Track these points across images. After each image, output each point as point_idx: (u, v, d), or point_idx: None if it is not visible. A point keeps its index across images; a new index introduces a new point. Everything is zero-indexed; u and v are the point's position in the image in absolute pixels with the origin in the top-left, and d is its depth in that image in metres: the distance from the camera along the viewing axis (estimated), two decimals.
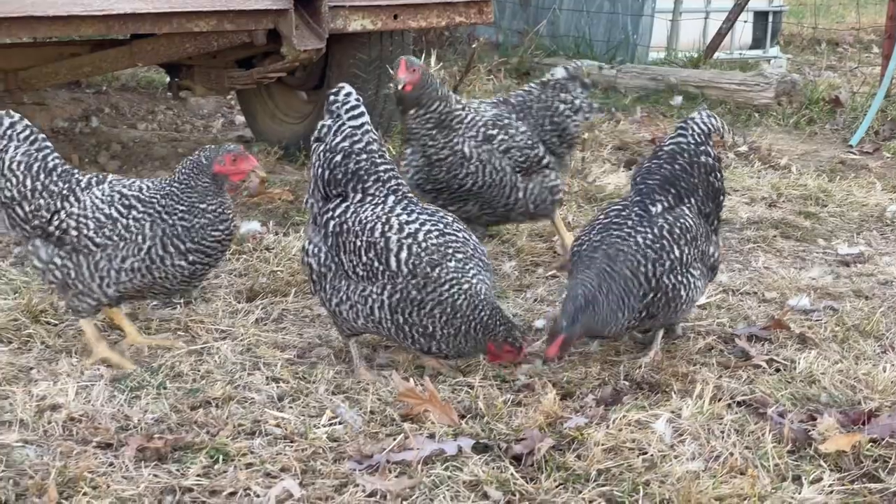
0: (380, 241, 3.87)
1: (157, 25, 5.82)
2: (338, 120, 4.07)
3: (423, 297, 3.84)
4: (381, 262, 3.86)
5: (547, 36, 11.33)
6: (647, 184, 4.25)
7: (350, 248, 3.93)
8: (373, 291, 3.88)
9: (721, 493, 3.22)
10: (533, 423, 3.63)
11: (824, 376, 4.07)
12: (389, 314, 3.88)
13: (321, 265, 4.01)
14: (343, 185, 4.04)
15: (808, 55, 13.04)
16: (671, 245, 4.07)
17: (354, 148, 4.03)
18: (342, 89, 4.12)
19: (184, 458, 3.41)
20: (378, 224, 3.91)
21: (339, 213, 4.00)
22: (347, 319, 3.98)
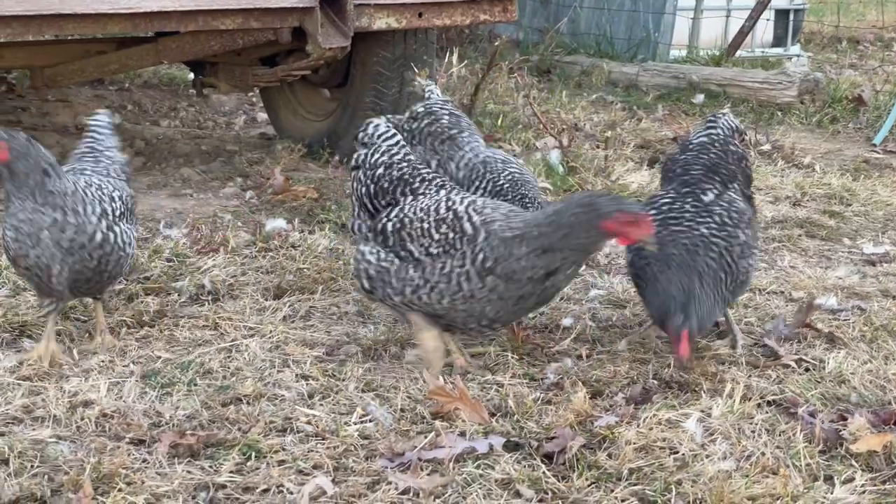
0: (448, 214, 3.93)
1: (182, 23, 5.84)
2: (372, 145, 4.19)
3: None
4: (457, 231, 3.89)
5: (568, 34, 11.33)
6: (692, 174, 4.31)
7: (418, 234, 3.96)
8: (454, 265, 3.88)
9: (753, 493, 3.22)
10: (563, 422, 3.63)
11: (854, 376, 4.06)
12: (479, 280, 3.84)
13: (380, 261, 4.04)
14: (391, 193, 4.11)
15: (828, 53, 13.00)
16: (734, 230, 4.14)
17: (394, 159, 4.15)
18: (368, 125, 4.23)
19: (216, 455, 3.42)
20: (441, 204, 3.98)
21: (395, 213, 4.06)
22: (429, 303, 3.94)
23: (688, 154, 4.42)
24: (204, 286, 4.85)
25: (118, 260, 4.13)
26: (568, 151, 7.08)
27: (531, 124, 7.91)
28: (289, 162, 6.99)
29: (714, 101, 9.35)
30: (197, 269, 5.04)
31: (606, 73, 10.28)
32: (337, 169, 6.81)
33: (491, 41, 10.72)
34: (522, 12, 11.63)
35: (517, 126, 8.02)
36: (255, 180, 6.64)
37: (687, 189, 4.27)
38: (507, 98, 8.73)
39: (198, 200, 6.29)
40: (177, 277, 4.94)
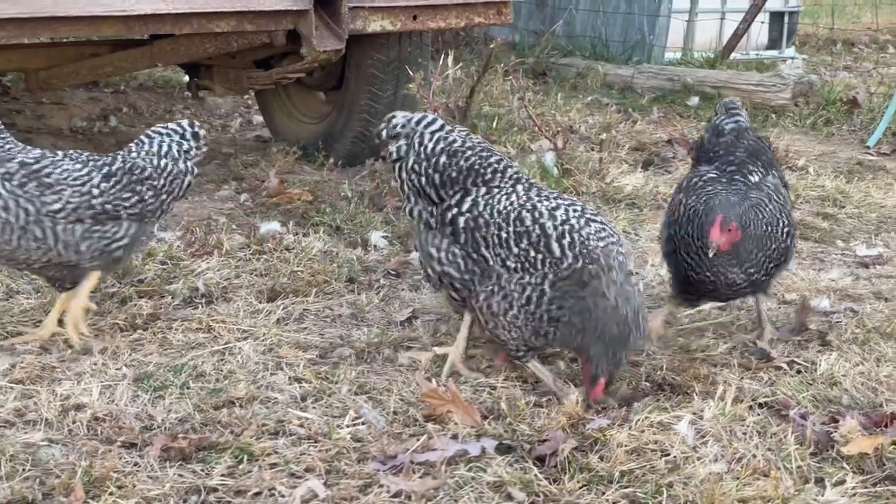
0: (534, 229, 3.79)
1: (177, 26, 5.84)
2: (413, 134, 4.03)
3: (585, 298, 3.74)
4: (540, 250, 3.76)
5: (563, 36, 11.34)
6: (736, 155, 4.45)
7: (495, 242, 3.83)
8: (531, 282, 3.77)
9: (744, 495, 3.23)
10: (555, 425, 3.64)
11: (846, 378, 4.07)
12: (547, 304, 3.77)
13: (463, 272, 3.90)
14: (462, 183, 3.96)
15: (823, 55, 13.01)
16: (783, 205, 4.27)
17: (454, 146, 4.00)
18: (395, 117, 4.08)
19: (208, 458, 3.43)
20: (525, 213, 3.82)
21: (468, 208, 3.91)
22: (496, 314, 3.85)
23: (727, 137, 4.56)
24: (197, 289, 4.85)
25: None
26: (563, 154, 7.07)
27: (526, 127, 7.91)
28: (284, 164, 6.99)
29: (709, 103, 9.35)
30: (191, 272, 5.04)
31: (602, 75, 10.29)
32: (332, 172, 6.81)
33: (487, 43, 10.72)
34: (518, 15, 11.64)
35: (512, 128, 8.02)
36: (250, 183, 6.64)
37: (734, 168, 4.41)
38: (502, 100, 8.71)
39: (192, 203, 6.29)
40: (170, 280, 4.94)
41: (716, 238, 4.02)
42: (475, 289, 3.88)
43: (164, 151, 4.46)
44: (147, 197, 4.34)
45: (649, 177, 7.17)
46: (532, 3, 11.79)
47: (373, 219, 5.92)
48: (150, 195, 4.35)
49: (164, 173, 4.41)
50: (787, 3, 11.90)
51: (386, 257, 5.42)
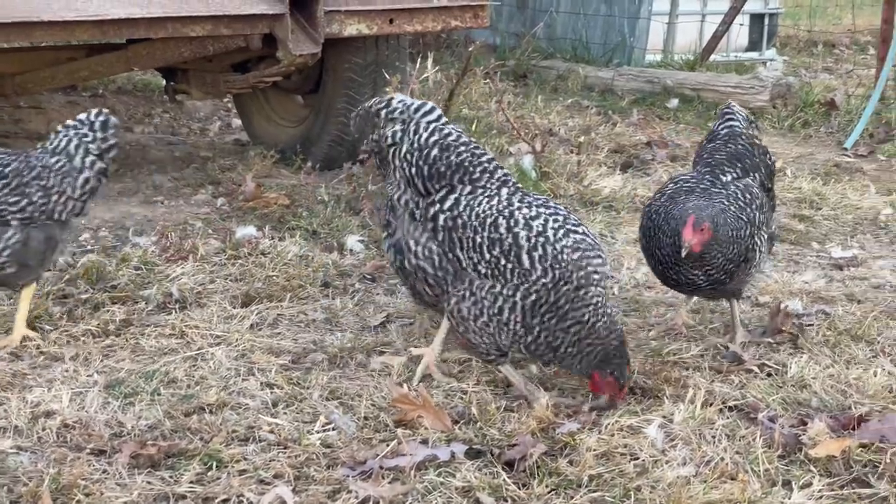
0: (507, 237, 3.77)
1: (152, 30, 5.83)
2: (409, 121, 3.96)
3: (565, 309, 3.74)
4: (511, 260, 3.75)
5: (544, 39, 11.36)
6: (715, 157, 4.54)
7: (469, 245, 3.80)
8: (502, 292, 3.76)
9: (711, 499, 3.24)
10: (525, 429, 3.64)
11: (815, 381, 4.09)
12: (521, 316, 3.76)
13: (437, 269, 3.87)
14: (449, 178, 3.91)
15: (804, 57, 13.06)
16: (747, 207, 4.30)
17: (448, 141, 3.94)
18: (393, 99, 4.01)
19: (177, 465, 3.42)
20: (501, 219, 3.79)
21: (450, 206, 3.87)
22: (466, 318, 3.83)
23: (715, 143, 4.66)
24: (171, 294, 4.85)
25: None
26: (541, 157, 7.08)
27: (505, 130, 7.93)
28: (261, 168, 6.99)
29: (688, 105, 9.39)
30: (165, 277, 5.04)
31: (582, 77, 10.31)
32: (309, 175, 6.81)
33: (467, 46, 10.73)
34: (499, 17, 11.66)
35: (491, 131, 8.02)
36: (226, 187, 6.63)
37: (708, 169, 4.50)
38: (481, 103, 8.73)
39: (168, 208, 6.29)
40: (144, 286, 4.94)
41: (688, 238, 4.05)
42: (447, 289, 3.88)
43: (59, 147, 4.38)
44: (36, 199, 4.24)
45: (628, 179, 7.18)
46: (513, 6, 11.80)
47: (349, 223, 5.92)
48: (40, 195, 4.25)
49: (53, 172, 4.31)
50: (768, 4, 11.94)
51: (362, 261, 5.42)
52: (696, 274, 4.24)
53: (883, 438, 3.58)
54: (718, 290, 4.41)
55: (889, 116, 8.63)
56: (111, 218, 6.03)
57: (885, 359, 4.33)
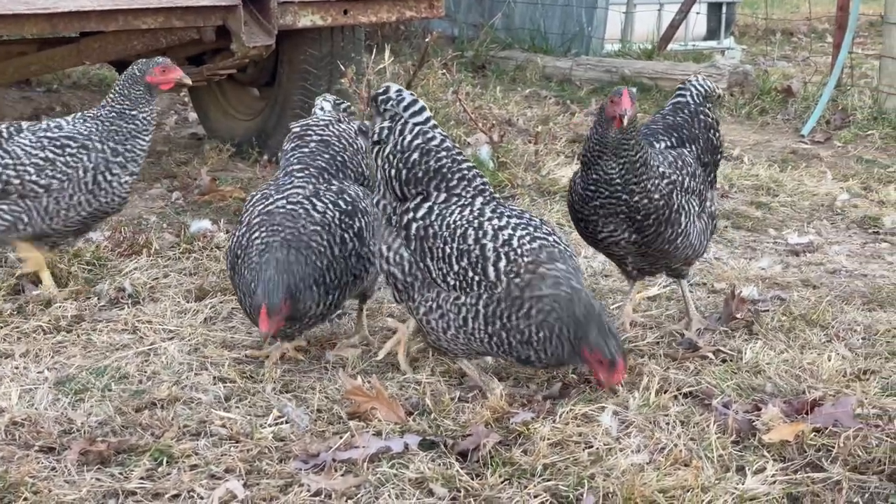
0: (474, 249, 3.70)
1: (103, 23, 5.77)
2: (398, 118, 3.86)
3: (521, 298, 3.66)
4: (477, 273, 3.68)
5: (502, 29, 11.35)
6: (650, 128, 4.55)
7: (438, 256, 3.73)
8: (466, 302, 3.70)
9: (665, 486, 3.23)
10: (479, 419, 3.63)
11: (770, 366, 4.10)
12: (484, 324, 3.70)
13: (406, 274, 3.80)
14: (425, 184, 3.83)
15: (762, 45, 13.11)
16: (674, 169, 4.29)
17: (431, 145, 3.84)
18: (389, 87, 3.91)
19: (127, 461, 3.38)
20: (470, 230, 3.72)
21: (422, 215, 3.79)
22: (434, 328, 3.80)
23: (656, 115, 4.68)
24: (124, 289, 4.79)
25: None
26: (498, 147, 7.08)
27: (463, 120, 7.91)
28: (217, 162, 6.94)
29: (646, 94, 9.39)
30: (118, 272, 4.98)
31: (541, 67, 10.31)
32: (265, 168, 6.77)
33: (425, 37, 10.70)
34: (457, 8, 11.64)
35: (449, 122, 8.00)
36: (182, 181, 6.58)
37: (643, 139, 4.40)
38: (439, 94, 8.70)
39: None
40: (97, 281, 4.88)
41: (626, 106, 4.01)
42: (414, 295, 3.83)
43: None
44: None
45: None
46: None
47: None
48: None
49: None
50: None
51: None
52: (613, 230, 4.23)
53: (836, 422, 3.59)
54: (651, 257, 4.36)
55: (845, 103, 8.68)
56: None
57: (838, 343, 4.35)
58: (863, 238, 6.05)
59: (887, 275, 5.34)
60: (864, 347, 4.35)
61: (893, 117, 8.23)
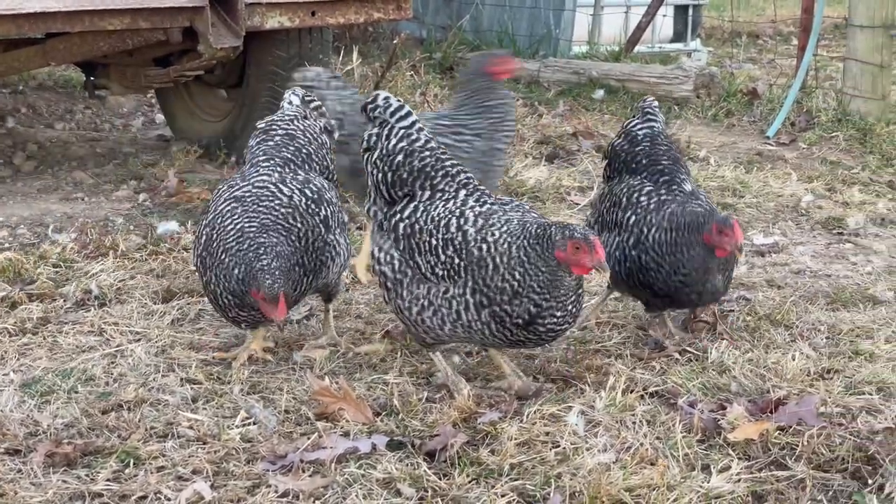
0: (457, 235, 3.74)
1: (68, 24, 5.74)
2: (385, 125, 3.95)
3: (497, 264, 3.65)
4: (462, 258, 3.70)
5: (470, 31, 11.35)
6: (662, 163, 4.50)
7: (426, 249, 3.77)
8: (455, 293, 3.72)
9: (631, 484, 3.25)
10: (447, 419, 3.64)
11: (735, 366, 4.14)
12: (476, 312, 3.70)
13: (396, 272, 3.84)
14: (410, 185, 3.90)
15: (729, 48, 13.19)
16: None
17: (415, 146, 3.92)
18: (378, 96, 3.98)
19: (93, 463, 3.37)
20: (453, 219, 3.77)
21: (409, 214, 3.86)
22: (431, 327, 3.79)
23: (644, 145, 4.58)
24: (91, 291, 4.78)
25: None
26: None
27: None
28: (184, 163, 6.91)
29: (614, 96, 9.43)
30: (84, 274, 4.96)
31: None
32: (233, 170, 6.74)
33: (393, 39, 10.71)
34: (426, 10, 11.64)
35: None
36: (149, 183, 6.55)
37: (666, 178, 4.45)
38: (407, 96, 8.71)
39: (89, 204, 6.19)
40: (63, 283, 4.86)
41: (741, 238, 4.09)
42: (403, 293, 3.83)
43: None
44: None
45: (553, 170, 7.21)
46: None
47: None
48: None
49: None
50: None
51: None
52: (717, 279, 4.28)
53: (800, 421, 3.63)
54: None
55: (810, 105, 8.74)
56: (30, 215, 5.93)
57: (802, 343, 4.39)
58: (827, 239, 6.11)
59: (850, 275, 5.39)
60: (828, 347, 4.39)
61: (857, 119, 8.30)
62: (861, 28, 8.27)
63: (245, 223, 3.99)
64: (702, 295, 4.24)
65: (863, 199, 6.83)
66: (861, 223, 6.31)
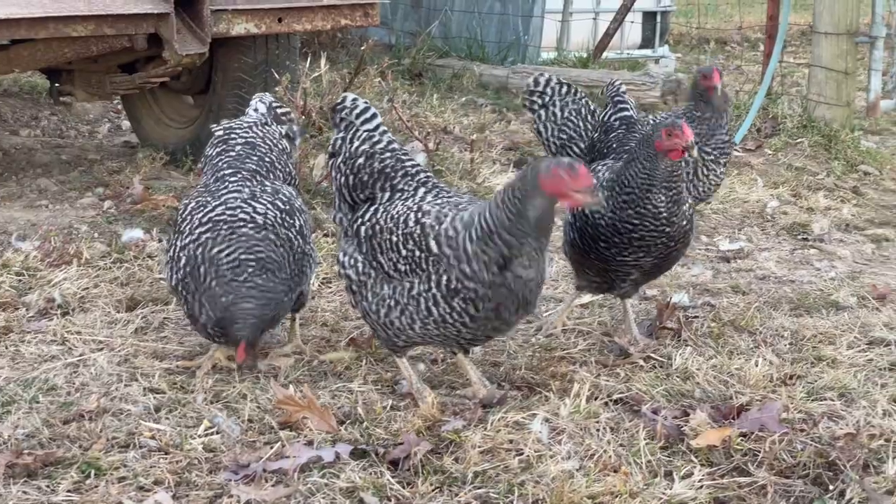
0: (415, 229, 3.73)
1: (33, 30, 5.69)
2: (351, 127, 3.95)
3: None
4: (423, 249, 3.67)
5: (439, 37, 11.36)
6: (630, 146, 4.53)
7: (387, 247, 3.76)
8: (422, 290, 3.68)
9: (593, 492, 3.26)
10: (411, 428, 3.63)
11: (699, 372, 4.15)
12: (447, 303, 3.62)
13: (360, 273, 3.83)
14: (371, 187, 3.90)
15: (697, 54, 13.27)
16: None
17: (376, 148, 3.92)
18: (346, 98, 3.98)
19: (54, 474, 3.34)
20: (411, 214, 3.76)
21: (369, 217, 3.87)
22: (401, 328, 3.76)
23: (618, 132, 4.69)
24: (54, 300, 4.74)
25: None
26: (434, 155, 7.09)
27: (399, 128, 7.91)
28: (150, 170, 6.88)
29: None
30: (47, 283, 4.92)
31: (477, 75, 10.33)
32: (199, 176, 6.71)
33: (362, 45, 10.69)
34: (394, 16, 11.65)
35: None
36: (114, 190, 6.51)
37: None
38: (375, 102, 8.69)
39: (53, 212, 6.15)
40: (26, 291, 4.82)
41: (690, 136, 4.06)
42: (367, 295, 3.82)
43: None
44: None
45: None
46: (408, 5, 11.79)
47: None
48: None
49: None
50: (660, 2, 12.11)
51: None
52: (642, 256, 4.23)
53: (762, 427, 3.65)
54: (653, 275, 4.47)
55: (776, 111, 8.78)
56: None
57: (766, 349, 4.42)
58: (792, 244, 6.15)
59: (814, 281, 5.43)
60: (791, 353, 4.42)
61: (822, 125, 8.35)
62: (826, 35, 8.33)
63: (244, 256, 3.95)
64: (643, 218, 4.12)
65: (828, 204, 6.89)
66: (826, 229, 6.36)
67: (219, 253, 3.95)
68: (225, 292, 3.89)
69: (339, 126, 4.00)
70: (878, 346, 4.49)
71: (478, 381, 3.94)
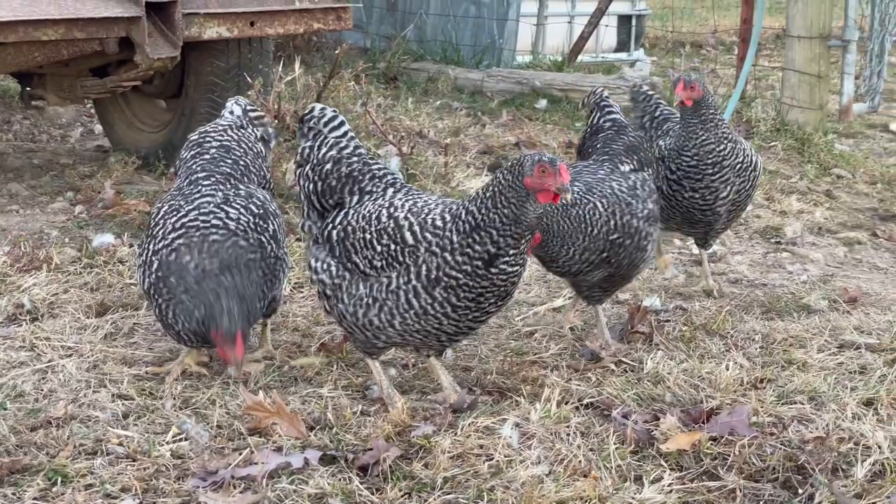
0: (389, 223, 3.72)
1: (2, 34, 5.65)
2: (319, 136, 3.99)
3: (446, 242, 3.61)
4: (398, 242, 3.68)
5: (414, 41, 11.35)
6: (612, 148, 4.61)
7: (361, 245, 3.76)
8: (401, 283, 3.68)
9: (563, 497, 3.25)
10: (381, 433, 3.62)
11: (670, 376, 4.15)
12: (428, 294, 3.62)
13: (334, 277, 3.82)
14: (339, 192, 3.93)
15: (673, 57, 13.30)
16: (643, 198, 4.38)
17: (343, 154, 3.96)
18: (314, 108, 4.02)
19: (20, 482, 3.32)
20: (383, 211, 3.77)
21: (340, 220, 3.87)
22: (381, 326, 3.75)
23: (607, 133, 4.71)
24: (23, 305, 4.71)
25: None
26: (408, 159, 7.08)
27: (373, 133, 7.90)
28: (122, 175, 6.84)
29: (556, 105, 9.46)
30: (16, 288, 4.89)
31: (452, 79, 10.32)
32: (172, 181, 6.67)
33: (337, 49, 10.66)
34: (369, 20, 11.63)
35: (360, 134, 7.98)
36: (85, 194, 6.47)
37: (607, 158, 4.57)
38: (350, 106, 8.68)
39: (24, 216, 6.11)
40: None
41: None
42: (343, 297, 3.81)
43: None
44: None
45: None
46: (383, 8, 11.78)
47: None
48: None
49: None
50: (635, 6, 12.13)
51: None
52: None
53: (732, 431, 3.65)
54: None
55: (749, 115, 8.82)
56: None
57: (737, 352, 4.42)
58: (765, 248, 6.17)
59: (786, 284, 5.44)
60: (762, 356, 4.43)
61: (795, 129, 8.39)
62: (798, 39, 8.37)
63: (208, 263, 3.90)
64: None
65: (801, 207, 6.91)
66: (798, 232, 6.39)
67: (187, 262, 3.91)
68: (195, 304, 3.85)
69: (307, 135, 4.02)
70: (849, 350, 4.51)
71: (449, 385, 3.93)
